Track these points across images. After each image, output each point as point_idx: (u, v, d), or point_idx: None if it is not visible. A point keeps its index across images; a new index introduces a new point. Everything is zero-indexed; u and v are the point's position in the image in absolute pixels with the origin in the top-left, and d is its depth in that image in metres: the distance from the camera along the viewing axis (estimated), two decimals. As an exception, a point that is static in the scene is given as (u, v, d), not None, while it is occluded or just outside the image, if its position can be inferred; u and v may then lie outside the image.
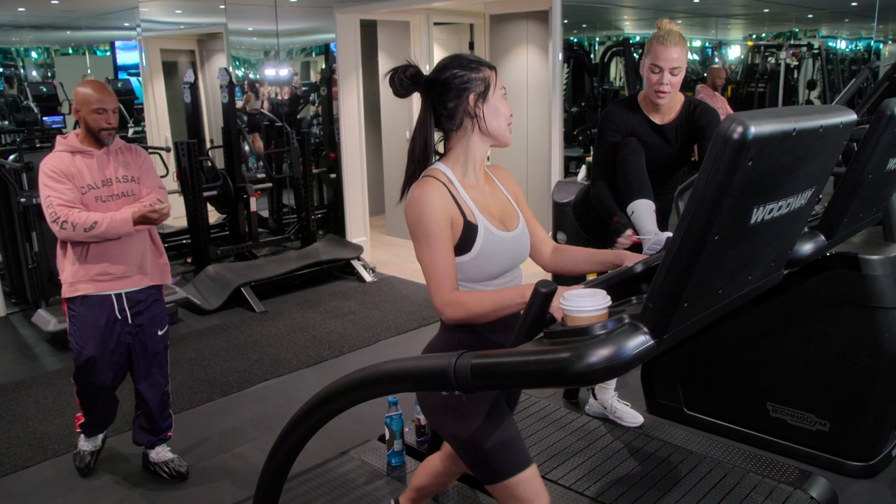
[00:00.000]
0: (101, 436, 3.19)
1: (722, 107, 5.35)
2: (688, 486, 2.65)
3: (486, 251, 1.70)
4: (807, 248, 1.79)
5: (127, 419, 3.48)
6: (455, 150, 1.76)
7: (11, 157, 4.99)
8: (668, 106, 2.73)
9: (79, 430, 3.13)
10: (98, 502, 2.91)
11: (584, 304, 1.25)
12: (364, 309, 5.22)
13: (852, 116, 1.34)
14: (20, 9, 6.11)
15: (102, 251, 2.77)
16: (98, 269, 2.78)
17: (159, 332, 2.98)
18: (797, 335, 2.88)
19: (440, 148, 1.80)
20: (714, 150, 1.02)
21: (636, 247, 2.51)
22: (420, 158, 1.75)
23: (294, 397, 3.78)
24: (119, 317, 2.85)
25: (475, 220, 1.70)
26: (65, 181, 2.71)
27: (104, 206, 2.77)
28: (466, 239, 1.69)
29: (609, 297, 1.27)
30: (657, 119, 2.76)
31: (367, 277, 5.93)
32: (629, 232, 2.50)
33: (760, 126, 1.01)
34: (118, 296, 2.84)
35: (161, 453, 3.09)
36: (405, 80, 1.71)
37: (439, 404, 1.75)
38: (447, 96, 1.71)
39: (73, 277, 2.79)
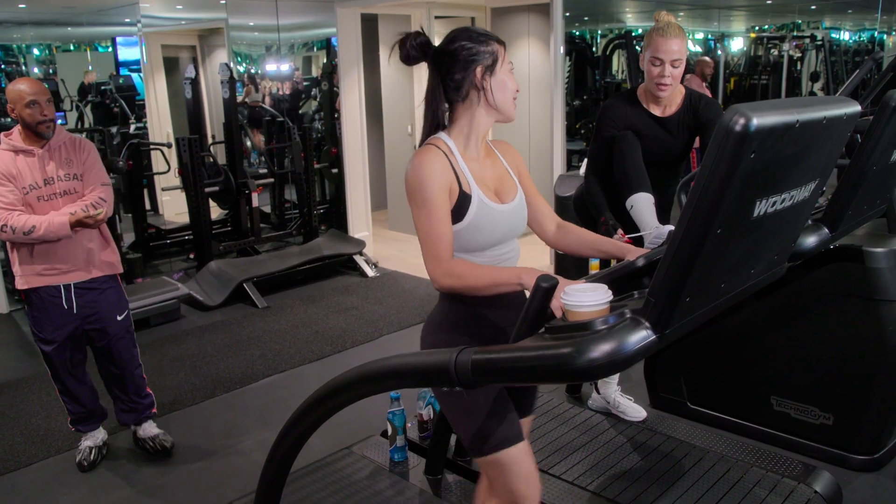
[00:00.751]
0: (100, 434, 3.22)
1: None
2: (691, 480, 2.64)
3: (478, 222, 1.72)
4: (810, 240, 1.78)
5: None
6: (460, 121, 1.77)
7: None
8: (669, 98, 2.71)
9: (73, 429, 3.18)
10: (100, 499, 2.92)
11: (585, 298, 1.24)
12: (366, 304, 5.21)
13: (856, 108, 1.33)
14: (21, 5, 6.10)
15: (47, 249, 2.84)
16: (44, 266, 2.86)
17: (118, 318, 3.05)
18: (801, 329, 2.86)
19: (445, 120, 1.81)
20: (716, 142, 1.01)
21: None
22: (431, 126, 1.78)
23: (296, 393, 3.78)
24: (66, 307, 2.92)
25: (470, 190, 1.72)
26: (6, 183, 2.75)
27: (47, 206, 2.82)
28: (459, 208, 1.71)
29: (610, 292, 1.26)
30: (658, 112, 2.74)
31: (370, 272, 5.92)
32: (619, 233, 2.49)
33: (763, 118, 1.00)
34: (66, 287, 2.91)
35: (147, 429, 3.22)
36: (415, 46, 1.72)
37: None
38: (454, 68, 1.72)
39: (22, 272, 2.88)
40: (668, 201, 2.89)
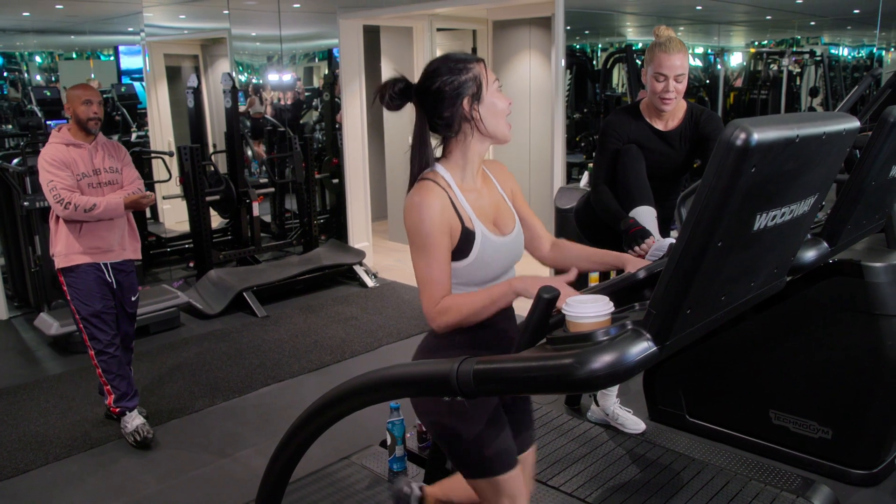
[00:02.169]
0: (137, 414, 3.42)
1: None
2: (690, 493, 2.64)
3: (483, 257, 1.69)
4: (810, 254, 1.79)
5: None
6: (454, 153, 1.73)
7: (15, 160, 5.00)
8: (671, 112, 2.73)
9: (117, 413, 3.40)
10: (99, 506, 2.91)
11: (586, 310, 1.25)
12: (366, 314, 5.21)
13: (855, 123, 1.34)
14: (24, 13, 6.13)
15: (93, 228, 3.27)
16: (89, 243, 3.26)
17: (132, 298, 3.51)
18: (800, 342, 2.87)
19: (438, 152, 1.77)
20: (717, 156, 1.03)
21: None
22: (421, 167, 1.74)
23: (296, 402, 3.78)
24: (108, 280, 3.35)
25: (473, 226, 1.68)
26: (64, 169, 3.19)
27: (95, 192, 3.27)
28: (464, 245, 1.67)
29: (612, 303, 1.27)
30: (660, 126, 2.76)
31: (369, 283, 5.93)
32: (650, 240, 2.40)
33: (763, 133, 1.01)
34: (105, 265, 3.34)
35: (132, 421, 3.42)
36: (395, 95, 1.68)
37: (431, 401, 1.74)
38: (441, 106, 1.68)
39: (68, 249, 3.25)
40: (669, 214, 2.91)
